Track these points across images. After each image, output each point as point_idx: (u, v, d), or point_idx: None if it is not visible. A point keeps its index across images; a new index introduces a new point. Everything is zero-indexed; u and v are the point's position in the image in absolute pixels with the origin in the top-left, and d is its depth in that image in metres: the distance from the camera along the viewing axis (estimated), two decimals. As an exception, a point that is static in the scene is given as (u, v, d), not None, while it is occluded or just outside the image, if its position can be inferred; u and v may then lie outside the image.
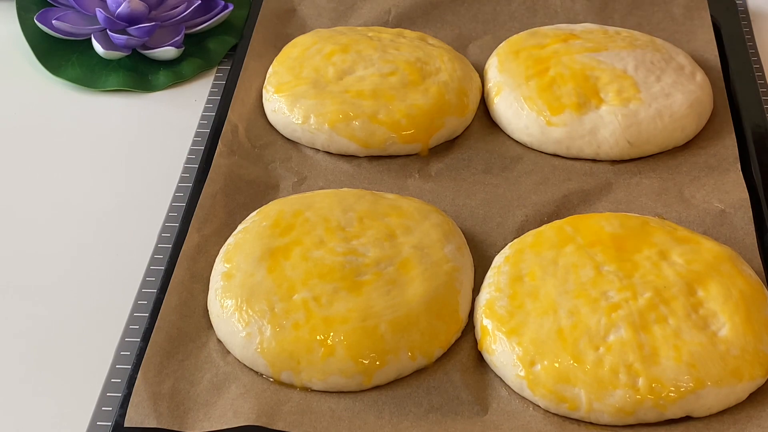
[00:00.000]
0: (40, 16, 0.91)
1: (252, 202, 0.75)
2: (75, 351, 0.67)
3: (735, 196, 0.75)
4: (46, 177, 0.81)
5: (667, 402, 0.61)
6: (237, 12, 0.96)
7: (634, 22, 0.93)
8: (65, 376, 0.66)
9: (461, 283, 0.68)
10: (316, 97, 0.80)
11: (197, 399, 0.62)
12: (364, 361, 0.63)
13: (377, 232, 0.69)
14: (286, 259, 0.67)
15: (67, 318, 0.69)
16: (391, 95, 0.80)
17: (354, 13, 0.95)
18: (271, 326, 0.64)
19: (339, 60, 0.84)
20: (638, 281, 0.66)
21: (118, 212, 0.78)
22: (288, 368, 0.63)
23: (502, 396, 0.63)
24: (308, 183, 0.77)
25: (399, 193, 0.76)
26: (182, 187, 0.78)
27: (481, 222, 0.74)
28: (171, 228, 0.75)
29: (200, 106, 0.88)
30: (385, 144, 0.79)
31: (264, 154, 0.80)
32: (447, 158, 0.80)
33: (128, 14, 0.90)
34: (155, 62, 0.91)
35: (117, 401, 0.62)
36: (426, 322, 0.65)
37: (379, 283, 0.66)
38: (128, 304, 0.70)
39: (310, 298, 0.65)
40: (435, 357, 0.65)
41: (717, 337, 0.63)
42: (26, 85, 0.90)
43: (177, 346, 0.65)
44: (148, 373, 0.63)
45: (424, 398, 0.63)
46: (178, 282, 0.68)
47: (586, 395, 0.61)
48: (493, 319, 0.65)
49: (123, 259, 0.73)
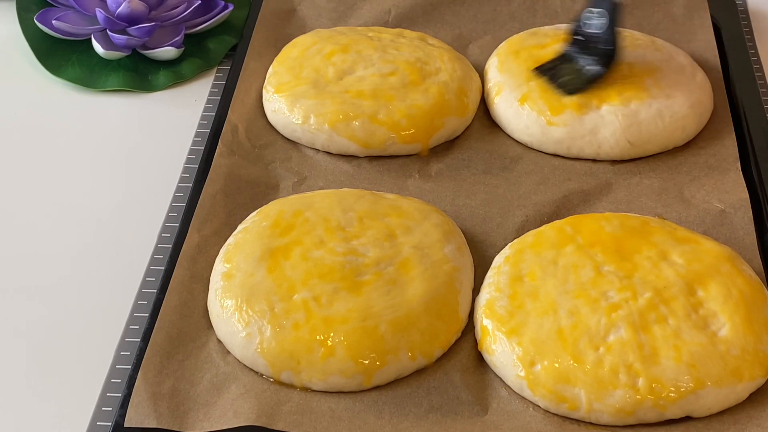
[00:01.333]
0: (40, 16, 0.91)
1: (252, 202, 0.75)
2: (75, 351, 0.67)
3: (735, 196, 0.75)
4: (46, 177, 0.81)
5: (667, 402, 0.61)
6: (237, 12, 0.96)
7: (634, 23, 0.93)
8: (65, 376, 0.66)
9: (461, 283, 0.68)
10: (316, 97, 0.80)
11: (197, 399, 0.62)
12: (364, 361, 0.63)
13: (377, 232, 0.69)
14: (286, 259, 0.67)
15: (67, 318, 0.69)
16: (391, 95, 0.80)
17: (354, 14, 0.95)
18: (271, 326, 0.64)
19: (339, 60, 0.84)
20: (638, 281, 0.66)
21: (118, 212, 0.78)
22: (288, 368, 0.63)
23: (502, 396, 0.63)
24: (308, 183, 0.77)
25: (399, 193, 0.76)
26: (182, 187, 0.78)
27: (481, 222, 0.74)
28: (171, 228, 0.75)
29: (200, 106, 0.88)
30: (385, 144, 0.79)
31: (264, 154, 0.80)
32: (447, 158, 0.80)
33: (128, 14, 0.90)
34: (155, 62, 0.91)
35: (117, 401, 0.62)
36: (426, 322, 0.65)
37: (379, 283, 0.66)
38: (128, 304, 0.70)
39: (310, 298, 0.65)
40: (435, 357, 0.65)
41: (717, 337, 0.63)
42: (26, 85, 0.90)
43: (177, 346, 0.65)
44: (148, 373, 0.63)
45: (424, 398, 0.63)
46: (178, 282, 0.68)
47: (586, 395, 0.61)
48: (493, 319, 0.65)
49: (123, 259, 0.73)
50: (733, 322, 0.63)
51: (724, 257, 0.67)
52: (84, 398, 0.64)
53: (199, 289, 0.68)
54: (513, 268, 0.68)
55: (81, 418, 0.63)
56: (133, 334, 0.67)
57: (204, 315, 0.67)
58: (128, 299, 0.70)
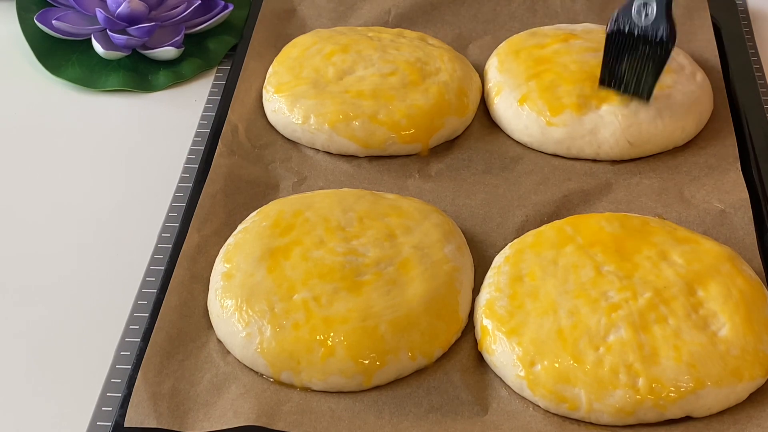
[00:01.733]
0: (40, 16, 0.91)
1: (252, 202, 0.75)
2: (75, 351, 0.67)
3: (735, 196, 0.75)
4: (46, 177, 0.81)
5: (667, 402, 0.61)
6: (237, 12, 0.96)
7: (634, 23, 0.93)
8: (65, 376, 0.66)
9: (461, 283, 0.68)
10: (316, 97, 0.80)
11: (197, 399, 0.62)
12: (364, 361, 0.63)
13: (377, 232, 0.69)
14: (286, 259, 0.67)
15: (67, 318, 0.69)
16: (391, 95, 0.80)
17: (354, 13, 0.95)
18: (271, 326, 0.64)
19: (339, 60, 0.84)
20: (638, 281, 0.66)
21: (118, 212, 0.78)
22: (288, 368, 0.63)
23: (502, 396, 0.63)
24: (308, 183, 0.77)
25: (399, 193, 0.76)
26: (182, 187, 0.78)
27: (481, 222, 0.74)
28: (171, 228, 0.75)
29: (200, 106, 0.88)
30: (385, 144, 0.79)
31: (264, 154, 0.80)
32: (447, 158, 0.80)
33: (128, 14, 0.90)
34: (155, 62, 0.91)
35: (117, 401, 0.62)
36: (426, 322, 0.64)
37: (379, 283, 0.66)
38: (128, 304, 0.70)
39: (310, 298, 0.65)
40: (435, 357, 0.65)
41: (717, 337, 0.63)
42: (26, 85, 0.90)
43: (177, 346, 0.65)
44: (148, 373, 0.63)
45: (424, 398, 0.63)
46: (178, 282, 0.68)
47: (586, 395, 0.61)
48: (493, 320, 0.65)
49: (123, 259, 0.73)
50: (733, 322, 0.63)
51: (724, 257, 0.67)
52: (84, 398, 0.64)
53: (199, 289, 0.68)
54: (513, 268, 0.68)
55: (81, 418, 0.63)
56: (134, 334, 0.67)
57: (204, 315, 0.67)
58: (128, 299, 0.70)
